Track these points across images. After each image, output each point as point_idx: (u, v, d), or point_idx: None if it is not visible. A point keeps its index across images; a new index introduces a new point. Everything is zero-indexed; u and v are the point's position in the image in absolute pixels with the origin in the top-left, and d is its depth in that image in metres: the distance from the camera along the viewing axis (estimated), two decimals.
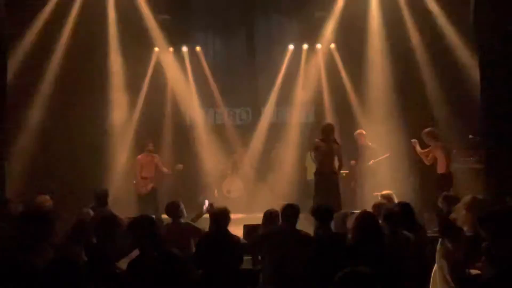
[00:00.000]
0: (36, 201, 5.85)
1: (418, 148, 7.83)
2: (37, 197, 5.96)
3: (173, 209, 5.22)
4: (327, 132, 7.53)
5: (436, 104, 10.03)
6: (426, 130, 7.84)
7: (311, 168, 8.80)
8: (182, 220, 5.24)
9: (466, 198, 5.02)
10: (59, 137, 10.06)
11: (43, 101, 9.92)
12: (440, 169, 7.45)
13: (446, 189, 7.28)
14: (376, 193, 9.08)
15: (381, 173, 9.94)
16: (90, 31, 10.21)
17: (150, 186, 8.74)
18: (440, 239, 4.87)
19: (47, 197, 5.95)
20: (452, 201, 5.50)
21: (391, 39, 10.50)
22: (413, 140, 8.00)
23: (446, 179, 7.39)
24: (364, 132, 9.54)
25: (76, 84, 10.19)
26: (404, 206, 4.85)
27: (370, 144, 9.46)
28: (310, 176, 9.31)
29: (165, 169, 9.04)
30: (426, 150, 7.72)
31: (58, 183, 9.12)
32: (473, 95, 8.86)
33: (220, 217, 4.38)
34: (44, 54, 9.84)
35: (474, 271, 4.13)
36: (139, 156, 9.00)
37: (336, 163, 7.58)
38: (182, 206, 5.31)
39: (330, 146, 7.47)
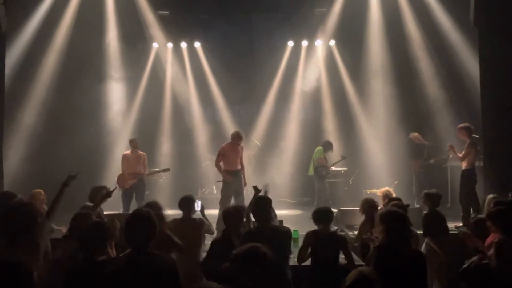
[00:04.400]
0: (31, 194, 5.97)
1: (456, 152, 7.50)
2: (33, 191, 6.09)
3: (187, 203, 5.08)
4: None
5: (436, 100, 10.02)
6: (463, 125, 7.48)
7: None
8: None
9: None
10: (55, 136, 9.99)
11: (39, 100, 9.87)
12: (468, 165, 7.27)
13: (472, 184, 7.23)
14: (367, 190, 9.09)
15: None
16: (89, 27, 10.13)
17: (132, 181, 8.60)
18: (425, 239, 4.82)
19: (41, 191, 6.06)
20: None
21: (391, 35, 10.49)
22: (449, 144, 7.70)
23: (472, 175, 7.29)
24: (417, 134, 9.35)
25: (73, 81, 10.11)
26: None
27: (426, 142, 9.27)
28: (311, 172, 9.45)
29: (147, 169, 8.87)
30: (463, 153, 7.31)
31: (54, 182, 8.99)
32: (473, 93, 8.88)
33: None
34: (40, 53, 9.76)
35: None
36: (125, 152, 8.92)
37: None
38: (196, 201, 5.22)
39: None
